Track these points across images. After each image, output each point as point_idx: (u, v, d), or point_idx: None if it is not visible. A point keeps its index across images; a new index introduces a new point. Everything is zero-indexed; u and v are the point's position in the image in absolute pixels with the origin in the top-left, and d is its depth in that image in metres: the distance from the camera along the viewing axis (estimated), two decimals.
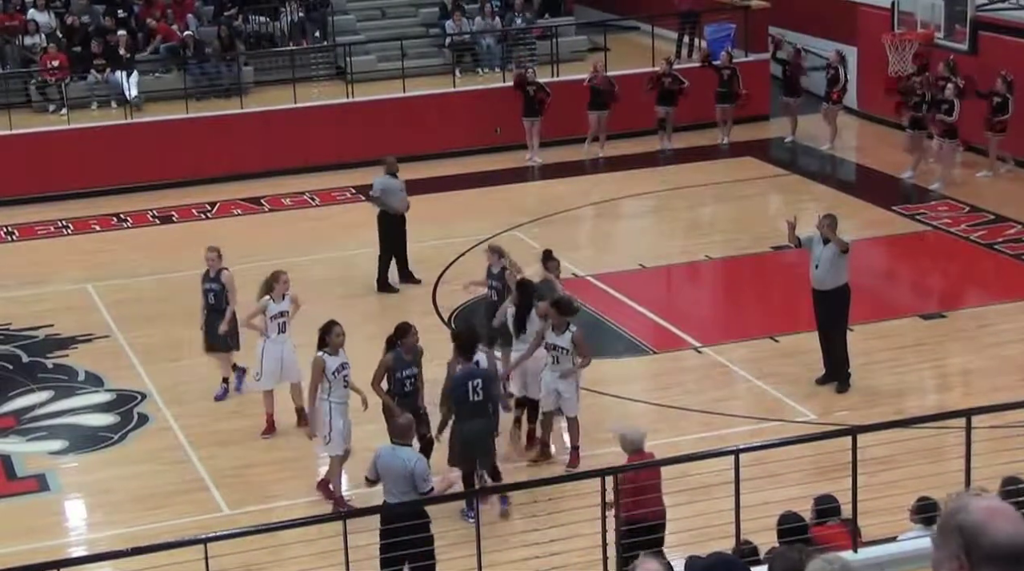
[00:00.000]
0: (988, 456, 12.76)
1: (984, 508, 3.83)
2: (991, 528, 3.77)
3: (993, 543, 3.75)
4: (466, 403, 14.15)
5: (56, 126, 26.51)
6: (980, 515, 3.80)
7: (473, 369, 14.30)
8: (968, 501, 3.87)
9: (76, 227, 24.25)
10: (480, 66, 29.26)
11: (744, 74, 27.52)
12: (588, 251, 22.77)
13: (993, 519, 3.79)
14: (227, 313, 17.08)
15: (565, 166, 26.57)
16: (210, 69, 28.25)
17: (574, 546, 12.13)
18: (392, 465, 12.54)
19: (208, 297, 17.27)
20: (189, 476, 15.69)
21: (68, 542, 14.70)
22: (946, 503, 3.93)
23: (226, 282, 17.19)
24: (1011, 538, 3.75)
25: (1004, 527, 3.77)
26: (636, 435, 12.90)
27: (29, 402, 17.70)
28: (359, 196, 25.30)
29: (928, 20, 24.32)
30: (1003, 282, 20.78)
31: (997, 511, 3.82)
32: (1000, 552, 3.74)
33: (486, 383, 14.22)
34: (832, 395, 17.03)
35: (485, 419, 14.23)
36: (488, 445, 14.33)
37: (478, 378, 14.17)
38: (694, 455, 13.30)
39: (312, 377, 14.90)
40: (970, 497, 3.89)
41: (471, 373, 14.25)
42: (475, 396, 14.11)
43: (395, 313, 19.95)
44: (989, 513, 3.81)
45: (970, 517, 3.81)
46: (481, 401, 14.15)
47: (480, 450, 14.27)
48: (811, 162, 26.92)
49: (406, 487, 12.45)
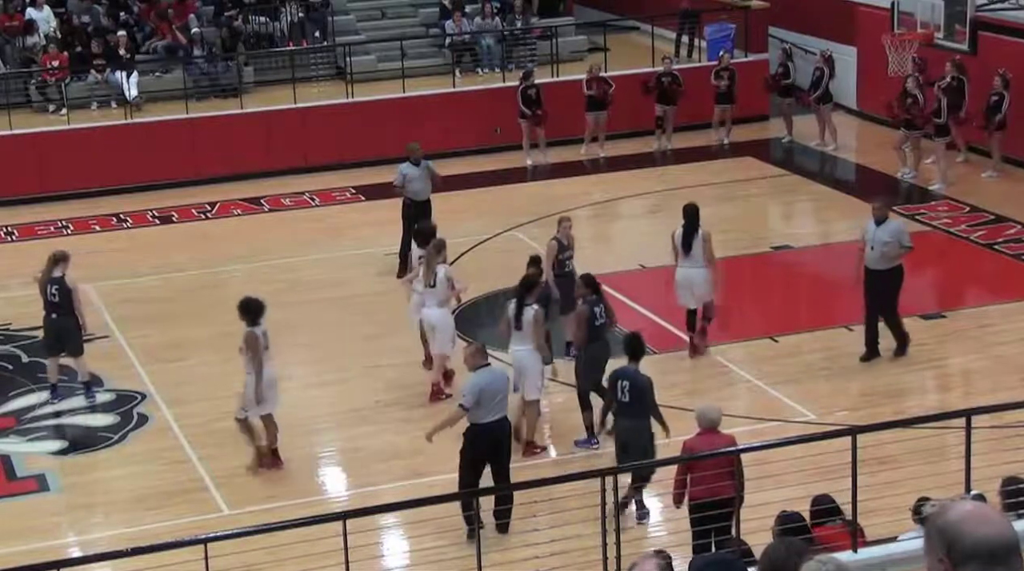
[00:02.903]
0: (988, 456, 12.77)
1: (962, 510, 4.02)
2: (968, 528, 3.94)
3: (972, 542, 3.92)
4: (617, 402, 14.37)
5: (56, 126, 26.50)
6: (958, 516, 3.99)
7: (625, 369, 14.48)
8: (949, 505, 4.06)
9: (76, 227, 24.25)
10: (480, 66, 29.26)
11: (743, 74, 27.54)
12: (588, 251, 22.76)
13: (970, 519, 3.97)
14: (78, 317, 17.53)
15: (565, 166, 26.58)
16: (210, 69, 28.26)
17: (574, 546, 12.14)
18: (494, 385, 14.03)
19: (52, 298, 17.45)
20: (189, 476, 15.70)
21: (68, 542, 14.70)
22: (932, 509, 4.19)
23: (71, 286, 17.33)
24: (987, 537, 3.93)
25: (980, 527, 3.95)
26: (713, 412, 13.18)
27: (29, 402, 17.71)
28: (359, 196, 25.34)
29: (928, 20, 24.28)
30: (1003, 282, 20.78)
31: (975, 512, 4.01)
32: (978, 551, 3.91)
33: (634, 385, 14.24)
34: (832, 395, 17.05)
35: (634, 419, 14.26)
36: (634, 446, 14.20)
37: (626, 380, 14.29)
38: (694, 455, 13.30)
39: (256, 351, 15.33)
40: (953, 501, 4.09)
41: (622, 373, 14.45)
42: (622, 396, 14.27)
43: (395, 313, 19.99)
44: (967, 514, 3.99)
45: (949, 518, 4.00)
46: (628, 402, 14.25)
47: (628, 449, 14.23)
48: (810, 162, 26.94)
49: (504, 398, 14.16)
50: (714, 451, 12.80)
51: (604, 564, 11.70)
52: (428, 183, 21.12)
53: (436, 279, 17.06)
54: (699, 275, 17.75)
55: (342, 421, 17.01)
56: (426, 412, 16.40)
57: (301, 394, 17.86)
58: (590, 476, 12.13)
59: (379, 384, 17.72)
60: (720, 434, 13.11)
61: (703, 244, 17.65)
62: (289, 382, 18.33)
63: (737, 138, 27.55)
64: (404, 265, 21.15)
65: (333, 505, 14.62)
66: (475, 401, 13.89)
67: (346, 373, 18.19)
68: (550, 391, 16.71)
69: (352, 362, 18.48)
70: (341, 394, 17.67)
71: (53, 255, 17.65)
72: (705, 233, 17.75)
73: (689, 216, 17.75)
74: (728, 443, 13.04)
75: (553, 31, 29.05)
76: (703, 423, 13.08)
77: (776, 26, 29.66)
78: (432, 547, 13.55)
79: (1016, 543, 3.97)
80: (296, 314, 20.23)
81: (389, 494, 14.63)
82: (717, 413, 13.27)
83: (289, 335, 19.78)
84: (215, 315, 20.28)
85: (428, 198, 21.08)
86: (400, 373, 17.75)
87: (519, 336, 15.74)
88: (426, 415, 16.20)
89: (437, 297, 17.12)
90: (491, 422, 13.99)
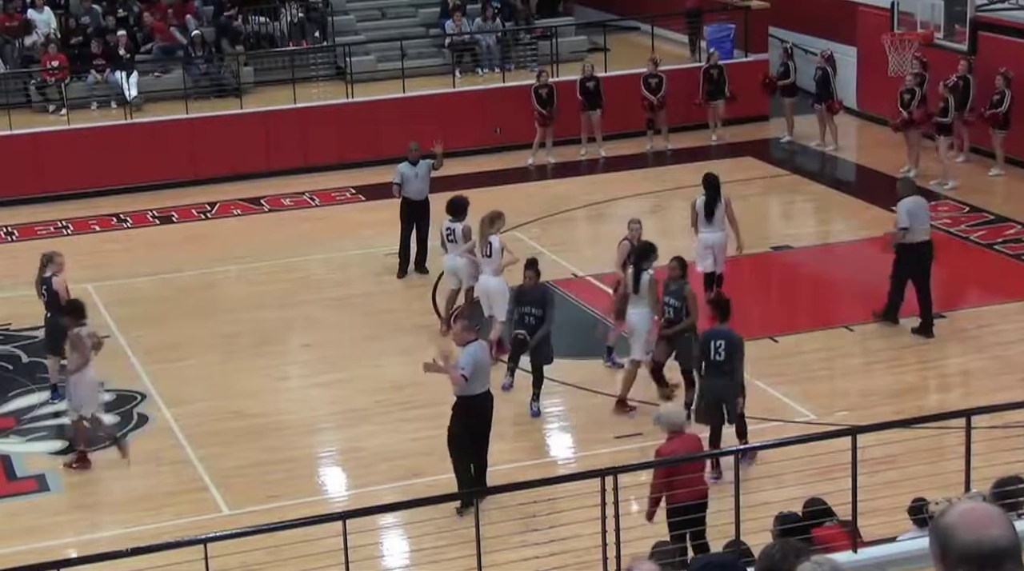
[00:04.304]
0: (988, 456, 12.77)
1: (960, 511, 3.96)
2: (961, 530, 3.90)
3: (962, 546, 3.88)
4: (709, 362, 15.02)
5: (56, 126, 26.50)
6: (954, 518, 3.94)
7: (719, 329, 15.14)
8: (951, 506, 4.00)
9: (76, 227, 24.25)
10: (480, 66, 29.26)
11: (743, 74, 27.55)
12: (588, 251, 22.77)
13: (965, 522, 3.91)
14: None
15: (565, 166, 26.58)
16: (210, 69, 28.26)
17: (574, 546, 12.14)
18: (484, 358, 14.62)
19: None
20: (189, 476, 15.70)
21: (68, 542, 14.69)
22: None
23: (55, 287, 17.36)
24: (979, 541, 3.88)
25: (973, 530, 3.89)
26: (676, 415, 13.24)
27: (29, 402, 17.71)
28: (359, 196, 25.34)
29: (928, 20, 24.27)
30: (1003, 282, 20.77)
31: (971, 514, 3.94)
32: (968, 555, 3.87)
33: (730, 342, 14.92)
34: (832, 395, 17.06)
35: (726, 377, 14.90)
36: (731, 401, 14.97)
37: (721, 339, 14.93)
38: (694, 455, 13.31)
39: (83, 352, 15.58)
40: (958, 501, 4.02)
41: (715, 333, 15.11)
42: (716, 355, 14.92)
43: (395, 313, 20.01)
44: (962, 516, 3.94)
45: (945, 520, 3.95)
46: (723, 361, 14.90)
47: (722, 408, 15.01)
48: (810, 162, 26.93)
49: (488, 373, 14.75)
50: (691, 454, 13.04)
51: (604, 564, 11.70)
52: (426, 183, 21.14)
53: (492, 249, 18.07)
54: (721, 239, 19.05)
55: (342, 421, 17.01)
56: (427, 412, 16.39)
57: (301, 394, 17.87)
58: (590, 476, 12.12)
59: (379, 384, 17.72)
60: (688, 435, 13.14)
61: (725, 209, 18.96)
62: (289, 382, 18.38)
63: (737, 138, 27.54)
64: (404, 265, 21.19)
65: (333, 505, 14.63)
66: (472, 373, 14.38)
67: (346, 373, 18.19)
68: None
69: (352, 362, 18.48)
70: (341, 394, 17.67)
71: (42, 256, 17.71)
72: (726, 198, 19.11)
73: (711, 185, 19.05)
74: (697, 443, 13.19)
75: (553, 31, 29.06)
76: (671, 427, 13.03)
77: (776, 26, 29.66)
78: (432, 547, 13.55)
79: (1013, 547, 3.90)
80: (296, 314, 20.26)
81: (389, 494, 14.63)
82: (681, 416, 13.35)
83: (289, 335, 19.83)
84: (215, 315, 20.33)
85: (426, 198, 21.11)
86: (400, 373, 17.74)
87: (636, 299, 16.65)
88: (426, 415, 16.20)
89: (492, 266, 18.11)
90: (480, 394, 14.60)
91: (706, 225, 19.02)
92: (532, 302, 16.75)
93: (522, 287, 17.02)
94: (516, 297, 17.15)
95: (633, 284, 16.67)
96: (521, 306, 16.89)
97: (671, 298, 16.41)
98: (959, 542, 3.89)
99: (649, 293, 16.55)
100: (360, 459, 16.09)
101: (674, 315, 16.38)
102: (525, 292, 16.89)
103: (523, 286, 16.99)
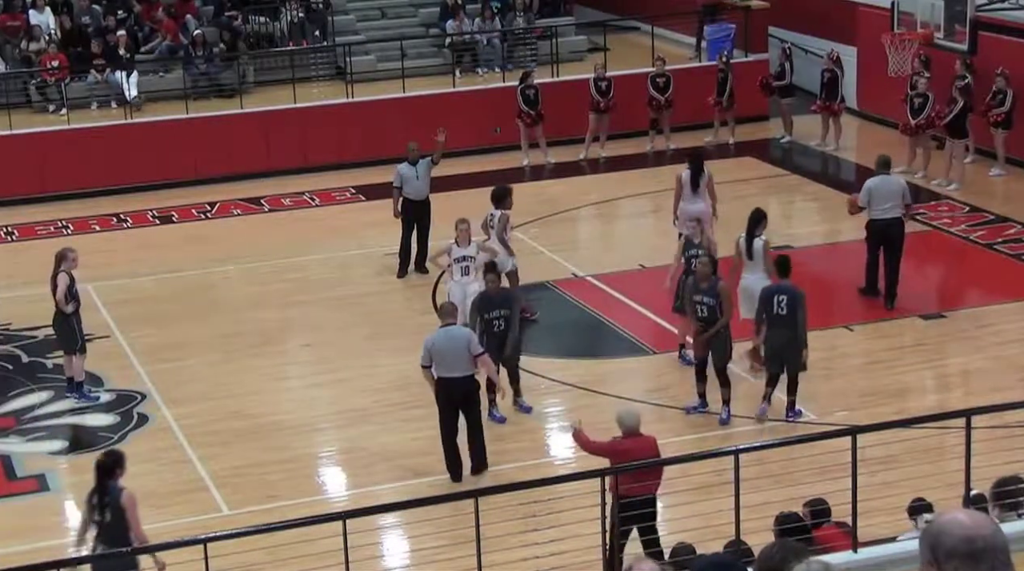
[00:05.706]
0: (988, 456, 12.76)
1: (948, 515, 4.19)
2: (949, 528, 4.13)
3: (951, 541, 4.10)
4: (772, 315, 16.05)
5: (56, 126, 26.50)
6: (944, 519, 4.17)
7: (781, 285, 16.19)
8: (939, 514, 4.26)
9: (76, 227, 24.24)
10: (480, 66, 29.26)
11: (744, 74, 27.54)
12: (588, 251, 22.77)
13: (953, 522, 4.15)
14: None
15: (565, 166, 26.57)
16: (210, 69, 28.26)
17: (574, 546, 12.14)
18: (443, 344, 15.06)
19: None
20: (189, 476, 15.70)
21: (68, 542, 14.67)
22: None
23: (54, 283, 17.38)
24: (968, 536, 4.10)
25: (961, 527, 4.12)
26: (631, 417, 13.19)
27: (29, 402, 17.72)
28: (359, 196, 25.34)
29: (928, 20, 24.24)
30: (1003, 282, 20.77)
31: (959, 516, 4.18)
32: (958, 549, 4.09)
33: (790, 298, 15.94)
34: (832, 395, 17.04)
35: (788, 329, 15.94)
36: (792, 353, 16.05)
37: (784, 294, 16.03)
38: (694, 455, 13.32)
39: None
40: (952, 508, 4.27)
41: (778, 288, 16.16)
42: (779, 309, 15.99)
43: (395, 313, 20.01)
44: (950, 518, 4.18)
45: (935, 523, 4.18)
46: (785, 315, 15.94)
47: (784, 357, 16.13)
48: (810, 162, 26.93)
49: (465, 356, 15.03)
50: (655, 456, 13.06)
51: (604, 564, 11.71)
52: (427, 182, 21.14)
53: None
54: (705, 209, 19.83)
55: (342, 421, 17.01)
56: (427, 412, 16.38)
57: (301, 394, 17.87)
58: (590, 476, 12.12)
59: (379, 384, 17.72)
60: (644, 437, 13.12)
61: (707, 182, 20.15)
62: (289, 382, 18.38)
63: (737, 138, 27.53)
64: (404, 265, 21.18)
65: (333, 505, 14.62)
66: (427, 357, 15.15)
67: (346, 373, 18.19)
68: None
69: (352, 362, 18.48)
70: (341, 394, 17.67)
71: (56, 254, 17.78)
72: (709, 173, 20.24)
73: (695, 160, 20.53)
74: (653, 444, 13.08)
75: (553, 31, 29.05)
76: (629, 428, 13.04)
77: (776, 26, 29.65)
78: (432, 547, 13.56)
79: (999, 543, 4.09)
80: (296, 314, 20.26)
81: (389, 494, 14.64)
82: (636, 418, 13.24)
83: (289, 335, 19.83)
84: (215, 315, 20.33)
85: (427, 197, 21.12)
86: (400, 373, 17.74)
87: (751, 265, 17.37)
88: (426, 415, 16.19)
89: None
90: (450, 378, 15.10)
91: (691, 196, 20.03)
92: (499, 305, 16.44)
93: (486, 293, 16.70)
94: (480, 304, 16.52)
95: (747, 250, 17.44)
96: (488, 312, 16.37)
97: (704, 296, 16.31)
98: (948, 538, 4.09)
99: (764, 257, 17.19)
100: (360, 459, 16.08)
101: (708, 313, 16.31)
102: (490, 297, 16.55)
103: (487, 292, 16.66)
